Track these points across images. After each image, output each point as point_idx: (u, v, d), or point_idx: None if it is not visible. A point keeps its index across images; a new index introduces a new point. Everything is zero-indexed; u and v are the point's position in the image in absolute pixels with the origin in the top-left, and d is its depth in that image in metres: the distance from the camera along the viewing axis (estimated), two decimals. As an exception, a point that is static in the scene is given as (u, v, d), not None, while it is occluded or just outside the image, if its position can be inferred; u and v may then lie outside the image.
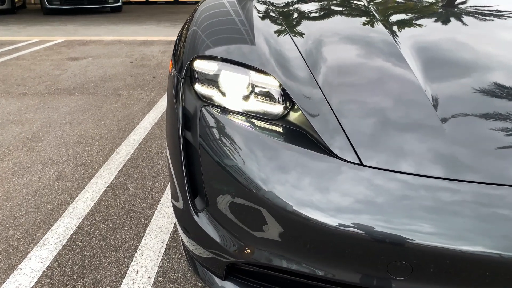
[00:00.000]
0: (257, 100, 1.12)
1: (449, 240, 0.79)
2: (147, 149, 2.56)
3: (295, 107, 1.08)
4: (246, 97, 1.13)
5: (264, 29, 1.30)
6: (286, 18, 1.43)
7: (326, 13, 1.51)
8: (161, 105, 3.40)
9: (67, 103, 3.46)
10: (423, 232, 0.81)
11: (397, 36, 1.28)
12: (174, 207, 1.30)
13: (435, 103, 1.01)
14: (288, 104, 1.09)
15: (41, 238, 1.71)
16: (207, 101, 1.17)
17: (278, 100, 1.10)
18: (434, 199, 0.83)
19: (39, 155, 2.49)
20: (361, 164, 0.92)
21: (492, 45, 1.28)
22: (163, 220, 1.83)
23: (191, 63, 1.23)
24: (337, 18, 1.49)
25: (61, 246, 1.66)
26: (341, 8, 1.59)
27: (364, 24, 1.39)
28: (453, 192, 0.83)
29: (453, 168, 0.87)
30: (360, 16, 1.48)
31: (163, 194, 2.04)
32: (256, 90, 1.12)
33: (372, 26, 1.36)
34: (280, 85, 1.09)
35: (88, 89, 3.84)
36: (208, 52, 1.22)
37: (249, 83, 1.13)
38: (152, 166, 2.33)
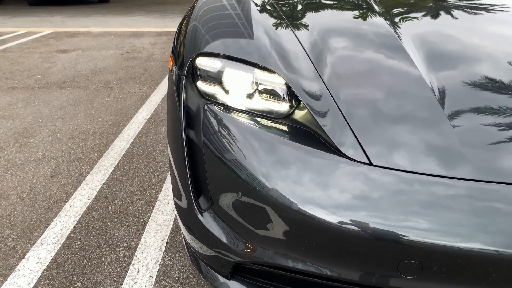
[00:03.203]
0: (261, 98, 1.11)
1: (464, 240, 0.79)
2: (142, 144, 2.53)
3: (301, 105, 1.07)
4: (250, 95, 1.11)
5: (267, 25, 1.28)
6: (288, 13, 1.41)
7: (330, 8, 1.49)
8: (154, 99, 3.35)
9: (58, 97, 3.39)
10: (437, 233, 0.80)
11: (399, 28, 1.27)
12: (177, 205, 1.28)
13: (441, 99, 1.00)
14: (294, 103, 1.08)
15: (38, 238, 1.68)
16: (210, 99, 1.15)
17: (284, 98, 1.09)
18: (448, 200, 0.82)
19: (32, 151, 2.45)
20: (371, 164, 0.91)
21: (494, 37, 1.28)
22: (162, 217, 1.81)
23: (193, 60, 1.20)
24: (339, 13, 1.47)
25: (59, 246, 1.63)
26: (341, 3, 1.57)
27: (364, 18, 1.38)
28: (471, 192, 0.83)
29: (466, 168, 0.86)
30: (360, 9, 1.46)
31: (160, 191, 2.02)
32: (261, 88, 1.11)
33: (374, 19, 1.35)
34: (286, 83, 1.07)
35: (79, 83, 3.78)
36: (210, 49, 1.19)
37: (253, 81, 1.11)
38: (148, 162, 2.31)
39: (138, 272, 1.50)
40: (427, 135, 0.93)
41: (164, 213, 1.84)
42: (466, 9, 1.50)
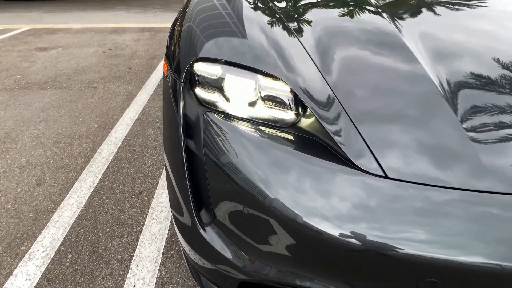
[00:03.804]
0: (265, 106, 1.05)
1: (488, 259, 0.76)
2: (130, 148, 2.45)
3: (307, 113, 1.02)
4: (253, 103, 1.06)
5: (267, 27, 1.21)
6: (287, 14, 1.35)
7: (329, 7, 1.44)
8: (141, 99, 3.25)
9: (40, 98, 3.26)
10: (465, 252, 0.76)
11: (401, 26, 1.23)
12: (176, 219, 1.22)
13: (453, 103, 0.96)
14: (300, 110, 1.02)
15: (26, 252, 1.59)
16: (210, 107, 1.09)
17: (289, 106, 1.03)
18: (472, 214, 0.78)
19: (15, 158, 2.33)
20: (386, 177, 0.86)
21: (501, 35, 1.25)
22: (156, 226, 1.74)
23: (191, 66, 1.14)
24: (338, 11, 1.42)
25: (49, 260, 1.55)
26: (342, 4, 1.52)
27: (363, 14, 1.33)
28: (500, 206, 0.79)
29: (489, 180, 0.82)
30: (359, 5, 1.41)
31: (153, 197, 1.95)
32: (264, 95, 1.05)
33: (374, 15, 1.30)
34: (292, 90, 1.02)
35: (61, 83, 3.64)
36: (209, 54, 1.13)
37: (256, 88, 1.06)
38: (138, 167, 2.22)
39: (134, 286, 1.43)
40: (443, 145, 0.89)
41: (158, 221, 1.77)
42: (467, 6, 1.47)
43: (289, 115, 1.03)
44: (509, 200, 0.78)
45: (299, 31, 1.19)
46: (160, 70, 4.06)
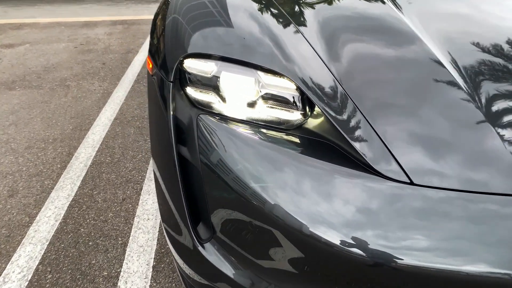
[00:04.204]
0: (267, 107, 0.94)
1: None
2: (110, 150, 2.29)
3: (315, 112, 0.91)
4: (253, 104, 0.94)
5: (266, 18, 1.08)
6: (287, 5, 1.22)
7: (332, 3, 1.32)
8: (117, 96, 3.08)
9: (8, 100, 3.04)
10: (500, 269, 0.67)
11: (405, 11, 1.13)
12: (169, 234, 1.10)
13: (477, 97, 0.87)
14: (307, 110, 0.91)
15: (0, 275, 1.44)
16: (204, 109, 0.96)
17: (295, 105, 0.92)
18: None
19: (-17, 166, 2.15)
20: (412, 183, 0.76)
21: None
22: (144, 237, 1.61)
23: (181, 63, 1.01)
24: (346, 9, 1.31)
25: (27, 283, 1.40)
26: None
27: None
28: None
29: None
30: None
31: (137, 204, 1.81)
32: (266, 94, 0.93)
33: (381, 4, 1.20)
34: (298, 88, 0.91)
35: (31, 82, 3.41)
36: (201, 49, 1.00)
37: (256, 86, 0.94)
38: (119, 171, 2.07)
39: (124, 307, 1.31)
40: (472, 144, 0.79)
41: (145, 231, 1.64)
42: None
43: (295, 116, 0.92)
44: None
45: (300, 22, 1.07)
46: (136, 64, 3.87)
